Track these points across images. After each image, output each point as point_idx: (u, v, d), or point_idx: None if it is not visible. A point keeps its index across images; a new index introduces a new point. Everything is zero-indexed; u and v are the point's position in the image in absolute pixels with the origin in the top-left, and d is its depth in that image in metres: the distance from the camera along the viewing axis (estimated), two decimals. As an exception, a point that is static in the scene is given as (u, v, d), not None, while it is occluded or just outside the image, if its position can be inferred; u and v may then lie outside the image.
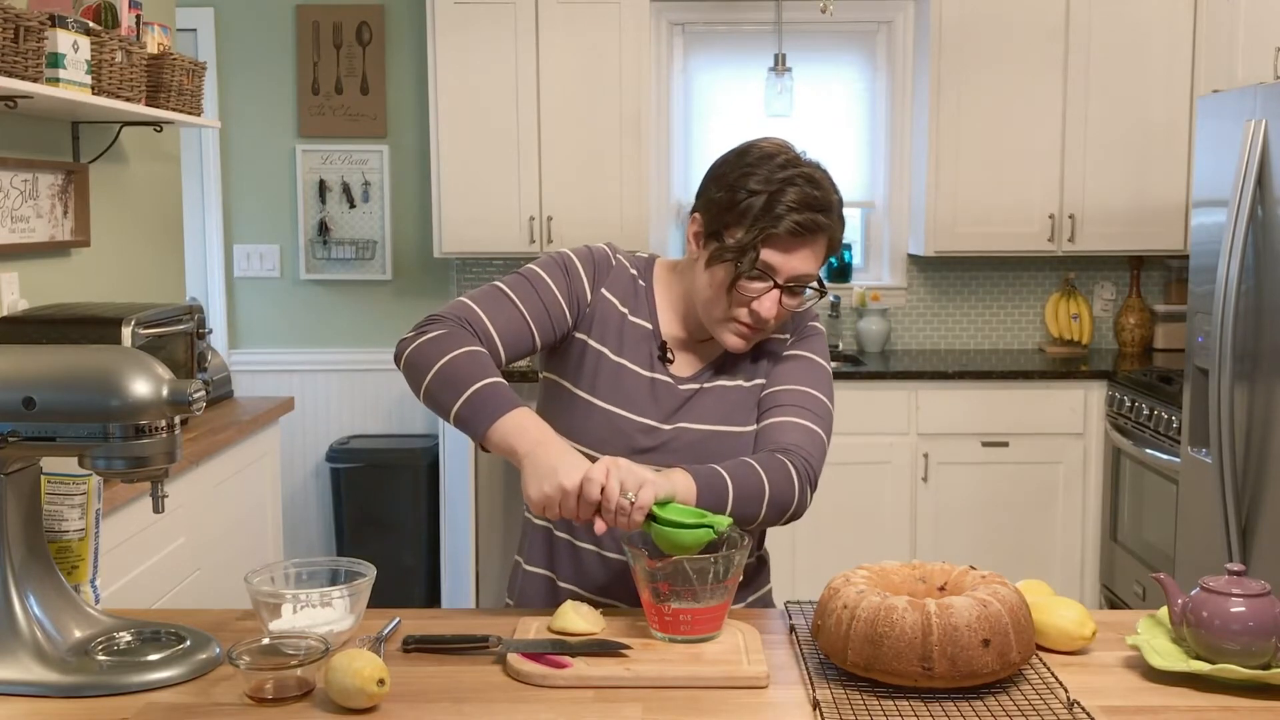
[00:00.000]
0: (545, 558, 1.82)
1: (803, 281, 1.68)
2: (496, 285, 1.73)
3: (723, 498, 1.59)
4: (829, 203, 1.66)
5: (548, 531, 1.81)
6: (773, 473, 1.65)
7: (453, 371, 1.61)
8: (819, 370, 1.79)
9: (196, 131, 4.76)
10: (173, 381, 1.42)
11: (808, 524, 4.33)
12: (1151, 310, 4.85)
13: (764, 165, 1.66)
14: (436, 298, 4.93)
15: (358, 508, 4.69)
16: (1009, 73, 4.47)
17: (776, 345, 1.80)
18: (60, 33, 2.63)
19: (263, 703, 1.36)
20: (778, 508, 1.65)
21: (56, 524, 1.58)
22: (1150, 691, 1.40)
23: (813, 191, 1.64)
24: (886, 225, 4.95)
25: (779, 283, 1.66)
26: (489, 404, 1.58)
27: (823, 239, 1.68)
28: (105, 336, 2.76)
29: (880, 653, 1.35)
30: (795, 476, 1.67)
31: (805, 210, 1.63)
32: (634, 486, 1.49)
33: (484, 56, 4.48)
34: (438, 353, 1.62)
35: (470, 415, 1.59)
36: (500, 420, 1.57)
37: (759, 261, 1.64)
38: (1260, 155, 3.11)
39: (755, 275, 1.66)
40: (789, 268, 1.66)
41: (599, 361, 1.75)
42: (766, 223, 1.63)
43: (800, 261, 1.66)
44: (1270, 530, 3.09)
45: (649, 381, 1.75)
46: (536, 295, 1.73)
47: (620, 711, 1.34)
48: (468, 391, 1.59)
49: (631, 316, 1.78)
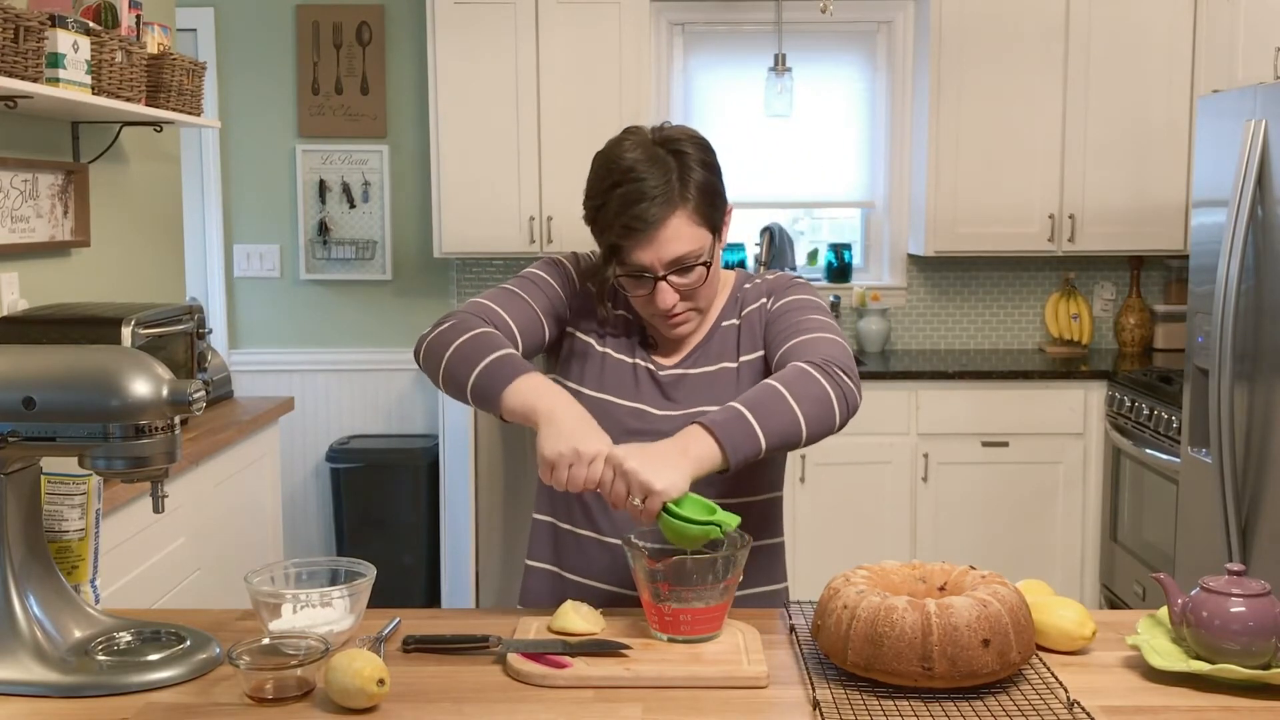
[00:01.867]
0: (549, 551, 1.84)
1: (684, 262, 1.68)
2: (504, 286, 1.81)
3: (753, 440, 1.53)
4: (663, 187, 1.64)
5: (551, 525, 1.84)
6: (795, 384, 1.59)
7: (469, 349, 1.65)
8: (807, 302, 1.79)
9: (196, 131, 4.76)
10: (173, 381, 1.42)
11: (808, 524, 4.35)
12: (1151, 310, 4.85)
13: (595, 176, 1.71)
14: (436, 298, 4.94)
15: (358, 508, 4.69)
16: (1009, 73, 4.47)
17: (758, 314, 1.82)
18: (60, 33, 2.63)
19: (263, 703, 1.36)
20: (818, 415, 1.58)
21: (56, 524, 1.58)
22: (1150, 691, 1.40)
23: (639, 182, 1.64)
24: (886, 225, 4.95)
25: (658, 275, 1.69)
26: (504, 369, 1.61)
27: (675, 218, 1.66)
28: (105, 336, 2.76)
29: (880, 653, 1.35)
30: (821, 375, 1.61)
31: (631, 210, 1.64)
32: (642, 493, 1.48)
33: (484, 57, 4.48)
34: (454, 337, 1.68)
35: (486, 383, 1.61)
36: (516, 381, 1.60)
37: (629, 266, 1.68)
38: (1260, 155, 3.11)
39: (634, 277, 1.70)
40: (655, 259, 1.67)
41: (586, 351, 1.81)
42: (611, 235, 1.67)
43: (664, 249, 1.67)
44: (1270, 530, 3.09)
45: (632, 368, 1.80)
46: (541, 291, 1.80)
47: (620, 711, 1.34)
48: (483, 363, 1.63)
49: (614, 309, 1.83)
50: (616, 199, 1.66)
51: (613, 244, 1.68)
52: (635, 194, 1.65)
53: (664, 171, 1.67)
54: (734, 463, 1.53)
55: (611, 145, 1.72)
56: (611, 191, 1.67)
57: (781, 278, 1.87)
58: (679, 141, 1.70)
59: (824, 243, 5.04)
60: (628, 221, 1.65)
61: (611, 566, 1.77)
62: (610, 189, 1.67)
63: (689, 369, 1.80)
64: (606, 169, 1.70)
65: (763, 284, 1.86)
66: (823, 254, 5.00)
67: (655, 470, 1.48)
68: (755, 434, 1.54)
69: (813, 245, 5.08)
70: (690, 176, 1.68)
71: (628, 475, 1.49)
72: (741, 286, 1.87)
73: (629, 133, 1.73)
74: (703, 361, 1.80)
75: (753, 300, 1.84)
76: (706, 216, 1.70)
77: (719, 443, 1.52)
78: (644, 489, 1.48)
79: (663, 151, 1.68)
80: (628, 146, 1.70)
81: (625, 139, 1.72)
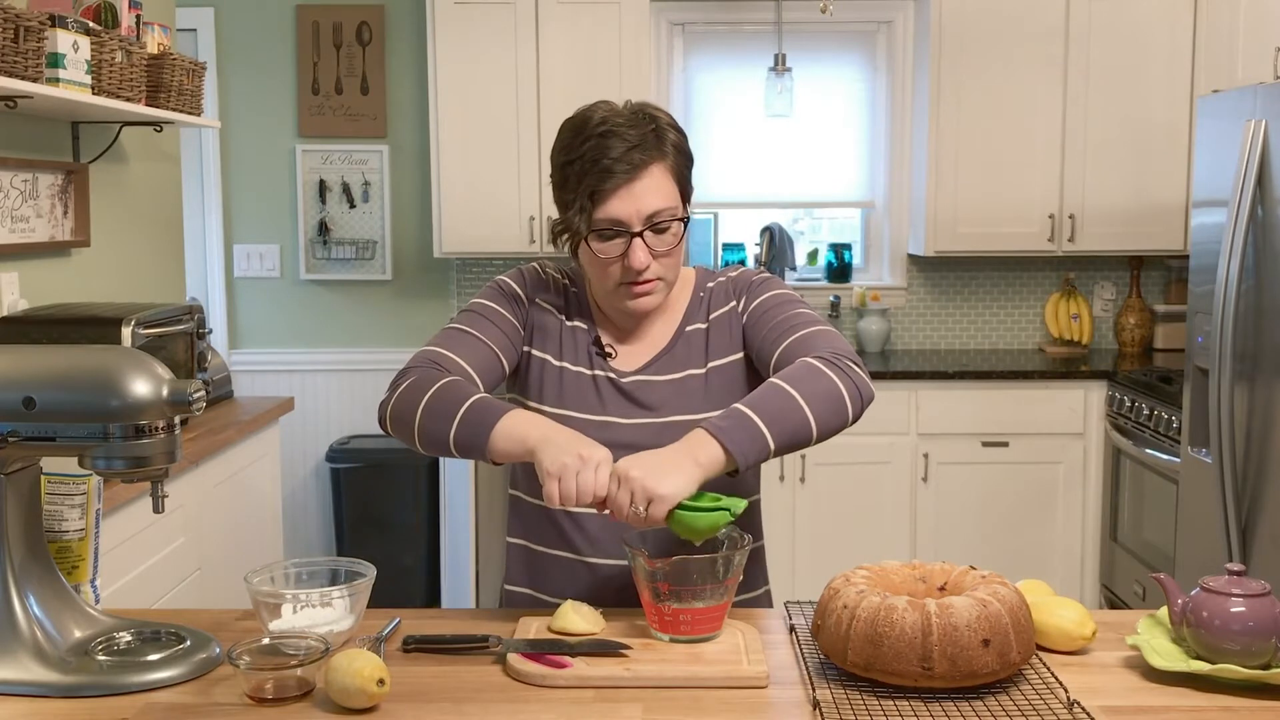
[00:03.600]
0: (525, 575, 1.81)
1: (659, 218, 1.66)
2: (452, 325, 1.75)
3: (760, 442, 1.50)
4: (641, 137, 1.64)
5: (525, 548, 1.81)
6: (801, 382, 1.56)
7: (438, 405, 1.59)
8: (785, 297, 1.77)
9: (196, 131, 4.76)
10: (173, 381, 1.42)
11: (808, 524, 4.35)
12: (1151, 310, 4.85)
13: (567, 138, 1.67)
14: (436, 298, 4.94)
15: (358, 508, 4.69)
16: (1009, 73, 4.47)
17: (727, 318, 1.78)
18: (60, 33, 2.63)
19: (263, 703, 1.36)
20: (829, 409, 1.55)
21: (56, 524, 1.58)
22: (1150, 691, 1.40)
23: (617, 134, 1.63)
24: (886, 225, 4.95)
25: (635, 230, 1.65)
26: (483, 416, 1.56)
27: (654, 169, 1.65)
28: (105, 336, 2.76)
29: (880, 653, 1.35)
30: (824, 366, 1.58)
31: (610, 154, 1.62)
32: (644, 501, 1.45)
33: (484, 56, 4.48)
34: (418, 397, 1.61)
35: (468, 434, 1.56)
36: (500, 423, 1.55)
37: (605, 219, 1.63)
38: (1260, 155, 3.11)
39: (608, 234, 1.65)
40: (633, 210, 1.64)
41: (543, 369, 1.76)
42: (588, 182, 1.63)
43: (642, 200, 1.64)
44: (1270, 530, 3.09)
45: (591, 379, 1.75)
46: (491, 323, 1.75)
47: (620, 711, 1.34)
48: (458, 414, 1.57)
49: (569, 321, 1.79)
50: (592, 148, 1.62)
51: (591, 191, 1.63)
52: (615, 142, 1.62)
53: (641, 127, 1.66)
54: (742, 466, 1.50)
55: (582, 110, 1.69)
56: (584, 144, 1.63)
57: (744, 275, 1.82)
58: (652, 108, 1.70)
59: (824, 243, 5.04)
60: (608, 165, 1.61)
61: (591, 585, 1.73)
62: (583, 143, 1.64)
63: (652, 375, 1.75)
64: (578, 128, 1.66)
65: (727, 283, 1.81)
66: (823, 254, 5.00)
67: (660, 477, 1.46)
68: (763, 435, 1.51)
69: (813, 245, 5.08)
70: (666, 135, 1.68)
71: (632, 482, 1.46)
72: (704, 285, 1.82)
73: (600, 102, 1.70)
74: (667, 368, 1.76)
75: (720, 304, 1.79)
76: (681, 177, 1.69)
77: (724, 447, 1.49)
78: (648, 495, 1.45)
79: (638, 115, 1.68)
80: (600, 108, 1.68)
81: (597, 105, 1.69)
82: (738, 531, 1.56)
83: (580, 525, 1.73)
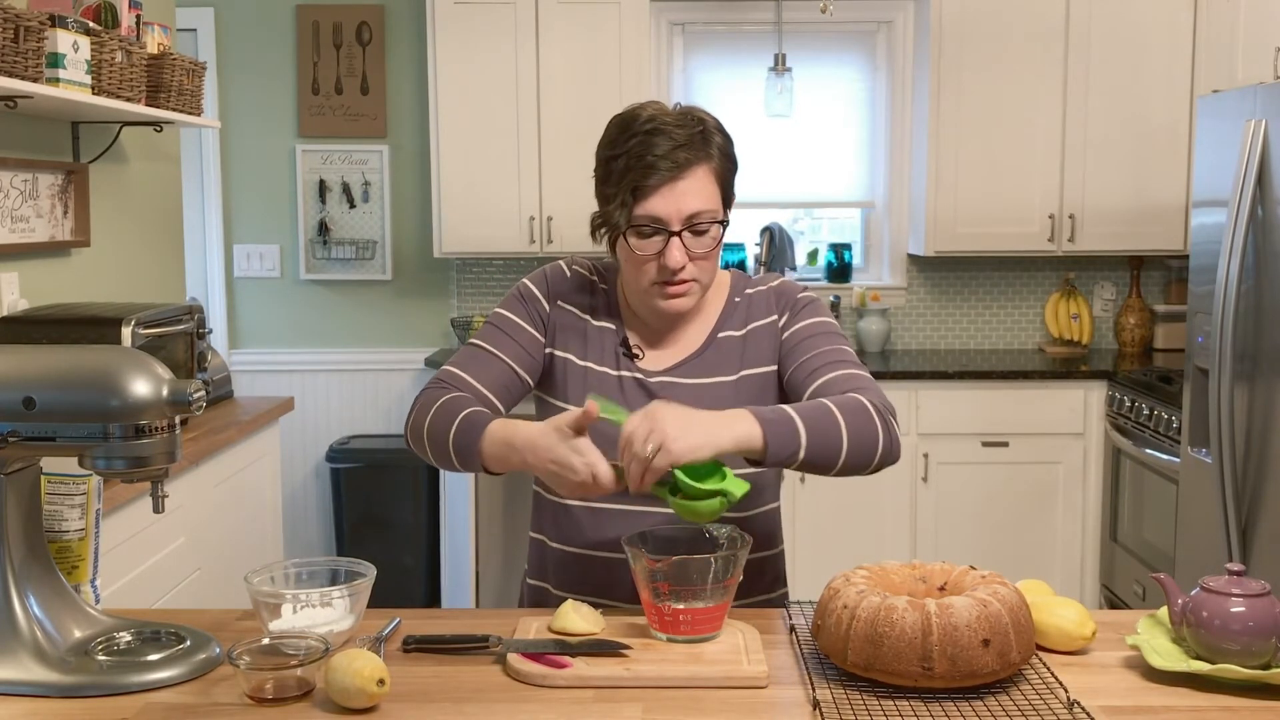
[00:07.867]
0: (539, 568, 1.84)
1: (699, 219, 1.65)
2: (472, 343, 1.78)
3: (794, 444, 1.51)
4: (688, 138, 1.64)
5: (542, 543, 1.83)
6: (850, 413, 1.56)
7: (437, 425, 1.65)
8: (829, 326, 1.76)
9: (196, 131, 4.76)
10: (173, 381, 1.42)
11: (808, 524, 4.34)
12: (1151, 310, 4.85)
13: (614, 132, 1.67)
14: (436, 298, 4.94)
15: (358, 508, 4.69)
16: (1009, 73, 4.47)
17: (767, 331, 1.77)
18: (60, 33, 2.63)
19: (263, 703, 1.36)
20: (861, 447, 1.56)
21: (56, 524, 1.58)
22: (1150, 691, 1.40)
23: (665, 133, 1.63)
24: (886, 225, 4.95)
25: (673, 230, 1.64)
26: (470, 429, 1.61)
27: (698, 169, 1.65)
28: (105, 336, 2.76)
29: (880, 653, 1.35)
30: (873, 411, 1.58)
31: (655, 150, 1.62)
32: (656, 444, 1.43)
33: (484, 57, 4.48)
34: (424, 419, 1.68)
35: (462, 449, 1.62)
36: (485, 432, 1.60)
37: (645, 216, 1.63)
38: (1260, 155, 3.11)
39: (646, 231, 1.65)
40: (673, 209, 1.64)
41: (567, 368, 1.77)
42: (632, 178, 1.63)
43: (683, 200, 1.64)
44: (1270, 530, 3.09)
45: (616, 380, 1.76)
46: (508, 336, 1.77)
47: (620, 711, 1.34)
48: (450, 434, 1.63)
49: (595, 321, 1.79)
50: (638, 144, 1.62)
51: (634, 187, 1.62)
52: (661, 140, 1.62)
53: (689, 127, 1.65)
54: (770, 457, 1.50)
55: (631, 107, 1.70)
56: (630, 140, 1.63)
57: (787, 289, 1.80)
58: (700, 111, 1.70)
59: (824, 243, 5.04)
60: (652, 161, 1.61)
61: (609, 581, 1.73)
62: (629, 138, 1.64)
63: (680, 378, 1.75)
64: (626, 123, 1.67)
65: (769, 293, 1.79)
66: (823, 254, 5.00)
67: (681, 430, 1.44)
68: (799, 439, 1.51)
69: (813, 245, 5.08)
70: (713, 138, 1.68)
71: (654, 422, 1.45)
72: (741, 290, 1.80)
73: (649, 101, 1.71)
74: (696, 372, 1.75)
75: (760, 314, 1.78)
76: (724, 182, 1.69)
77: (763, 431, 1.49)
78: (661, 440, 1.43)
79: (687, 116, 1.67)
80: (650, 106, 1.68)
81: (646, 104, 1.70)
82: (738, 531, 1.56)
83: (600, 521, 1.74)
